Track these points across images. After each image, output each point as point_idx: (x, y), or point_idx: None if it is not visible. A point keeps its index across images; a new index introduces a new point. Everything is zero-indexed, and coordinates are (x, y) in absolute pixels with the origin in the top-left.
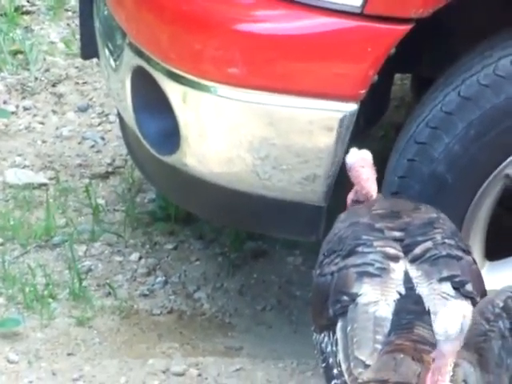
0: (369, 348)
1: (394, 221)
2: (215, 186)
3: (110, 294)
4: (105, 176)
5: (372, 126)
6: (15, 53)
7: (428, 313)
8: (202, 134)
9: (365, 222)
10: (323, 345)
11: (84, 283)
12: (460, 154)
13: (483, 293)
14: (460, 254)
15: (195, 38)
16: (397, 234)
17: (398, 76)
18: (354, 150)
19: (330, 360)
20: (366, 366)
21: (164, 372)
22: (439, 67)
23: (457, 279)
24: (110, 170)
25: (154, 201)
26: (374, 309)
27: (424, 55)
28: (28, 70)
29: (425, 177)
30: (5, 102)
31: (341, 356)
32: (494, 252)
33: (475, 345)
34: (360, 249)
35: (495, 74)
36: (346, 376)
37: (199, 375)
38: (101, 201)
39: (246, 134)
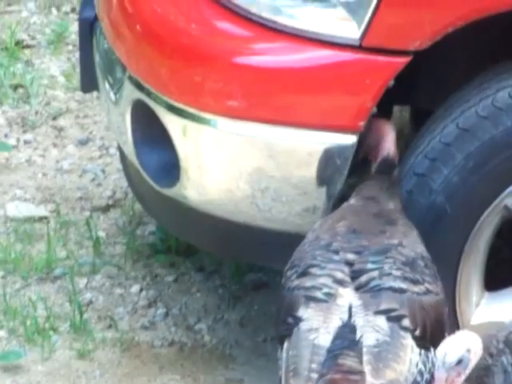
0: (303, 377)
1: (352, 241)
2: (215, 217)
3: (111, 326)
4: (105, 209)
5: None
6: (16, 87)
7: (359, 343)
8: (202, 166)
9: (325, 239)
10: (278, 357)
11: (85, 316)
12: (459, 185)
13: (436, 324)
14: (405, 286)
15: (194, 71)
16: (350, 256)
17: (396, 108)
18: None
19: (280, 372)
20: None
21: None
22: (438, 99)
23: (393, 313)
24: (110, 202)
25: (154, 233)
26: (313, 336)
27: (422, 87)
28: (29, 103)
29: (423, 208)
30: (6, 136)
31: (283, 376)
32: (493, 283)
33: (477, 379)
34: (313, 270)
35: (493, 105)
36: None
37: None
38: (101, 233)
39: (245, 166)
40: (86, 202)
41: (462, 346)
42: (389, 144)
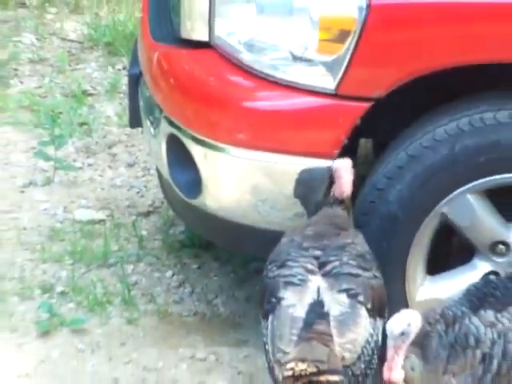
0: (286, 339)
1: (317, 241)
2: (228, 221)
3: (151, 301)
4: (147, 214)
5: None
6: (82, 124)
7: (327, 314)
8: (218, 183)
9: (297, 240)
10: (262, 327)
11: (132, 293)
12: (408, 197)
13: (380, 300)
14: (359, 272)
15: (213, 112)
16: (317, 252)
17: (362, 140)
18: (340, 159)
19: (264, 339)
20: (285, 353)
21: (190, 358)
22: (392, 134)
23: (351, 291)
24: (150, 209)
25: (183, 232)
26: (292, 310)
27: (382, 125)
28: (91, 136)
29: (382, 214)
30: (74, 160)
31: (269, 342)
32: (433, 268)
33: (420, 342)
34: (289, 263)
35: (434, 139)
36: (271, 357)
37: (217, 360)
38: (144, 232)
39: (250, 182)
40: (133, 209)
41: (404, 322)
42: (345, 186)
